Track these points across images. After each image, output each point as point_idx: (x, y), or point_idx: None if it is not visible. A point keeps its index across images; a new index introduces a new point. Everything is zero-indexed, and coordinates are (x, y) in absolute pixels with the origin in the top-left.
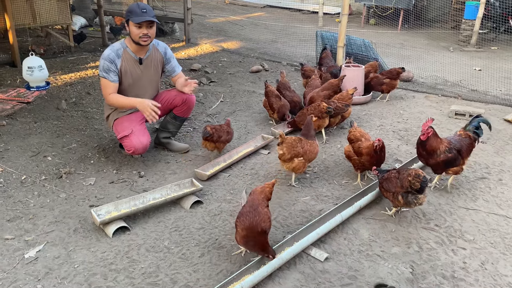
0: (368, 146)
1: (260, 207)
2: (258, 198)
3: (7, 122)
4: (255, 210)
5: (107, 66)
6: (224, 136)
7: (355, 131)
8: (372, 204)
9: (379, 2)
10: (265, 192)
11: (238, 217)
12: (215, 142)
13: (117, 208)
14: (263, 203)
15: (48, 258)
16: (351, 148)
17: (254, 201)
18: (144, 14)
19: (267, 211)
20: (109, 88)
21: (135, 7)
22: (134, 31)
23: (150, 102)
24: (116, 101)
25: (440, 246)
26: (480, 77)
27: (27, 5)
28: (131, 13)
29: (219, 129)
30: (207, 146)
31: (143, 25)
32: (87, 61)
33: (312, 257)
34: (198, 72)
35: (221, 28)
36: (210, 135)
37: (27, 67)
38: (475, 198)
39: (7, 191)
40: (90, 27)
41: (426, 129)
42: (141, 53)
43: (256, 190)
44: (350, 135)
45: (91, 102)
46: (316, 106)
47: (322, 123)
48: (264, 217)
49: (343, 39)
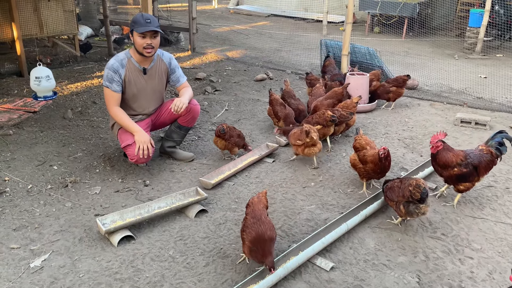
0: (373, 154)
1: (263, 216)
2: (258, 208)
3: (14, 131)
4: (259, 220)
5: (110, 76)
6: (234, 138)
7: (361, 139)
8: (378, 213)
9: (383, 11)
10: (262, 201)
11: (243, 230)
12: (226, 140)
13: (122, 217)
14: (264, 212)
15: (54, 268)
16: (356, 157)
17: (255, 212)
18: (148, 24)
19: (269, 219)
20: (111, 98)
21: (139, 17)
22: (138, 41)
23: (148, 139)
24: (118, 117)
25: (447, 255)
26: (485, 84)
27: (35, 15)
28: (135, 24)
29: (232, 129)
30: (218, 143)
31: (147, 35)
32: (93, 70)
33: (318, 267)
34: (203, 81)
35: (226, 37)
36: (224, 132)
37: (35, 77)
38: (482, 207)
39: (13, 200)
40: (96, 37)
41: (435, 142)
42: (145, 63)
43: (253, 201)
44: (355, 143)
45: (97, 111)
46: (321, 114)
47: (327, 131)
48: (269, 225)
49: (347, 47)
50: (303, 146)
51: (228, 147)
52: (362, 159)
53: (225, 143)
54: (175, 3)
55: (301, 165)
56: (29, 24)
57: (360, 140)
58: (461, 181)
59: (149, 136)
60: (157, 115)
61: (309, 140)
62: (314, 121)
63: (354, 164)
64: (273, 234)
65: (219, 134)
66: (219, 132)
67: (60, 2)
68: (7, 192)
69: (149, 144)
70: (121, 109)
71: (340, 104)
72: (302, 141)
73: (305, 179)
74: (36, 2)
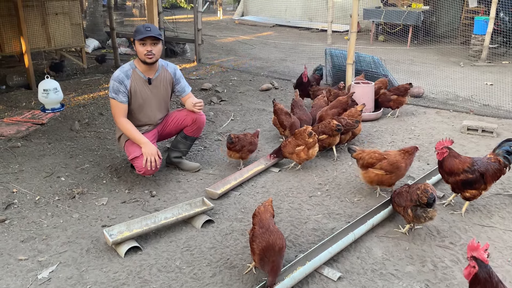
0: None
1: (271, 225)
2: (265, 217)
3: (22, 143)
4: (267, 230)
5: (116, 87)
6: (247, 146)
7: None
8: (385, 222)
9: (388, 19)
10: (269, 210)
11: (253, 240)
12: (238, 151)
13: (129, 228)
14: (271, 221)
15: (61, 279)
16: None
17: (263, 222)
18: (147, 32)
19: (277, 228)
20: (118, 109)
21: (140, 27)
22: (139, 49)
23: (155, 151)
24: (126, 129)
25: (455, 264)
26: (492, 91)
27: (42, 29)
28: (136, 33)
29: (242, 138)
30: (232, 155)
31: (147, 43)
32: (100, 82)
33: (325, 277)
34: (209, 91)
35: (231, 47)
36: (233, 143)
37: (43, 90)
38: (490, 215)
39: (21, 211)
40: (103, 49)
41: (441, 148)
42: (150, 73)
43: (260, 210)
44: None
45: (104, 123)
46: (326, 124)
47: (333, 140)
48: (278, 234)
49: (352, 56)
50: (305, 149)
51: (242, 156)
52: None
53: (238, 154)
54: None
55: (307, 174)
56: (37, 38)
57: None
58: (467, 187)
59: (156, 147)
60: (164, 126)
61: (311, 140)
62: (320, 131)
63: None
64: (283, 243)
65: (229, 145)
66: (228, 142)
67: (68, 15)
68: (15, 203)
69: (157, 156)
70: (128, 121)
71: (345, 113)
72: (302, 145)
73: (311, 189)
74: (44, 16)
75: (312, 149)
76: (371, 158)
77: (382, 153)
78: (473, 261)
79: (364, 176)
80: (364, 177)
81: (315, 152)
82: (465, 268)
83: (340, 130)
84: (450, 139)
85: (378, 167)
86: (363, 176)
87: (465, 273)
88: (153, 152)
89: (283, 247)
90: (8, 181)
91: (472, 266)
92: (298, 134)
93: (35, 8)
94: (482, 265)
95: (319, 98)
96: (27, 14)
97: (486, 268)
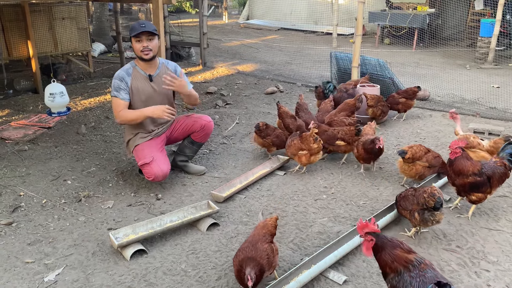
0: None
1: (259, 243)
2: (259, 234)
3: (29, 147)
4: (253, 245)
5: (117, 84)
6: (271, 137)
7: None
8: (391, 225)
9: (393, 22)
10: (267, 226)
11: (236, 254)
12: (262, 138)
13: (134, 231)
14: (263, 239)
15: (67, 282)
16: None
17: (254, 237)
18: (142, 28)
19: (267, 247)
20: (119, 106)
21: (135, 24)
22: (135, 46)
23: (163, 107)
24: (126, 116)
25: (462, 268)
26: (498, 94)
27: (49, 34)
28: (132, 30)
29: (271, 128)
30: (256, 140)
31: (143, 39)
32: (106, 86)
33: (331, 280)
34: (214, 95)
35: (236, 51)
36: (259, 129)
37: (49, 94)
38: (497, 218)
39: (28, 214)
40: (109, 53)
41: (455, 148)
42: (150, 70)
43: (258, 225)
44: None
45: (110, 126)
46: (347, 131)
47: (349, 148)
48: (262, 253)
49: (357, 59)
50: (308, 154)
51: (265, 145)
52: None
53: (262, 141)
54: (186, 19)
55: (313, 177)
56: (44, 42)
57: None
58: (474, 190)
59: (160, 106)
60: (172, 131)
61: (316, 146)
62: (339, 137)
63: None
64: (263, 263)
65: (256, 130)
66: (256, 128)
67: (74, 20)
68: (22, 206)
69: (167, 108)
70: (127, 109)
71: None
72: (306, 150)
73: (316, 192)
74: (51, 20)
75: (314, 156)
76: (420, 151)
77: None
78: (368, 235)
79: (409, 169)
80: (408, 170)
81: (317, 159)
82: (363, 246)
83: (360, 131)
84: (465, 140)
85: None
86: (407, 169)
87: (365, 250)
88: (162, 108)
89: (262, 267)
90: (15, 184)
91: (369, 240)
92: (304, 138)
93: (42, 13)
94: (376, 234)
95: (326, 102)
96: (34, 19)
97: (380, 236)
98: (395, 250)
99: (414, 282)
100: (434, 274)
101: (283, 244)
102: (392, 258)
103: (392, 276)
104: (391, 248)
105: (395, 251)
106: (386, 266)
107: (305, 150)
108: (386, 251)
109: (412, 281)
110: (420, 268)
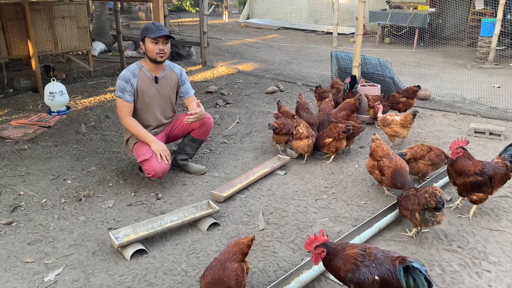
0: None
1: (228, 262)
2: (229, 251)
3: (28, 146)
4: (221, 265)
5: (122, 85)
6: (285, 130)
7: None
8: (392, 225)
9: (394, 22)
10: (239, 244)
11: (203, 273)
12: (282, 135)
13: (135, 230)
14: (233, 257)
15: (67, 282)
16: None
17: (224, 254)
18: (160, 31)
19: (237, 266)
20: (124, 109)
21: (150, 25)
22: (150, 48)
23: (165, 146)
24: (132, 127)
25: (463, 269)
26: (499, 94)
27: (50, 32)
28: (147, 31)
29: (285, 123)
30: (275, 138)
31: (160, 41)
32: (106, 85)
33: (332, 281)
34: (214, 94)
35: (237, 50)
36: (274, 128)
37: (49, 93)
38: (498, 219)
39: (28, 214)
40: (109, 52)
41: (456, 148)
42: (157, 72)
43: (230, 243)
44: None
45: (110, 126)
46: (331, 127)
47: (340, 144)
48: (230, 273)
49: (358, 58)
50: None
51: (279, 140)
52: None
53: (279, 138)
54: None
55: (313, 177)
56: (44, 41)
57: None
58: (475, 190)
59: (164, 146)
60: (171, 128)
61: (295, 132)
62: (325, 135)
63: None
64: (231, 284)
65: (273, 129)
66: (269, 127)
67: (74, 19)
68: (22, 206)
69: (167, 151)
70: (135, 120)
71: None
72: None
73: (317, 192)
74: (51, 19)
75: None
76: (422, 151)
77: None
78: (318, 248)
79: (411, 167)
80: (410, 169)
81: (298, 145)
82: (313, 260)
83: (349, 131)
84: (466, 140)
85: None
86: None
87: (316, 262)
88: (163, 147)
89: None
90: (15, 183)
91: (319, 253)
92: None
93: (42, 12)
94: (325, 244)
95: (326, 102)
96: (35, 17)
97: (329, 244)
98: (345, 251)
99: (372, 269)
100: (382, 252)
101: (284, 244)
102: (343, 260)
103: (350, 276)
104: (342, 251)
105: (345, 253)
106: (340, 270)
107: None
108: (338, 256)
109: (370, 269)
110: (368, 254)
